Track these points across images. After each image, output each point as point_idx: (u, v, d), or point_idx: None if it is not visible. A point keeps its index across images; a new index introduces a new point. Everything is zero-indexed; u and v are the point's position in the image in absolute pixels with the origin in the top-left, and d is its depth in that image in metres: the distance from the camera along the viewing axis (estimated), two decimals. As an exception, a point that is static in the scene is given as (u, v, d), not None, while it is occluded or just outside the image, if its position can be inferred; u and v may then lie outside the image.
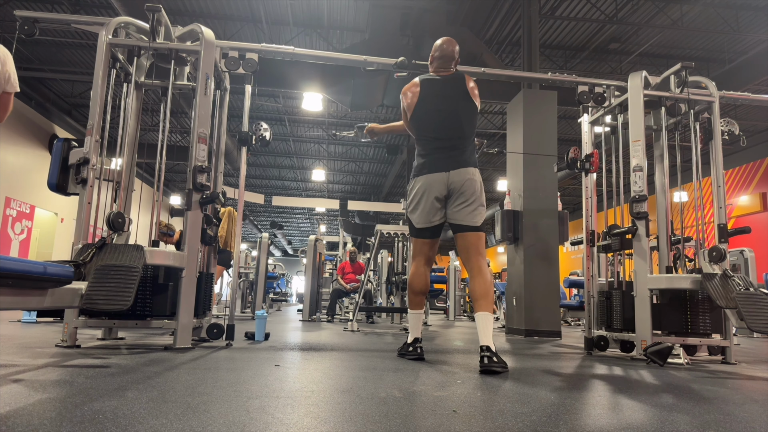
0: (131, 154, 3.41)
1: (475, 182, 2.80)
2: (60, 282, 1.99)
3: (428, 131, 2.89)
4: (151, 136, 12.91)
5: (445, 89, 2.92)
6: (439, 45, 2.99)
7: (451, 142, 2.84)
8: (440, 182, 2.78)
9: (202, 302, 3.33)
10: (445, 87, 2.92)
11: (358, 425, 1.33)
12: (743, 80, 7.46)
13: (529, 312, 5.64)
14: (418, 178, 2.87)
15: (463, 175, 2.77)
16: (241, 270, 8.97)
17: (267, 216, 25.68)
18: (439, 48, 2.98)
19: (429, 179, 2.81)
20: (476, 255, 2.77)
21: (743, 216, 11.33)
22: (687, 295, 3.41)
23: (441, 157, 2.82)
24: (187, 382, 1.86)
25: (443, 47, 2.98)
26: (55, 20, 3.46)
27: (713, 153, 3.63)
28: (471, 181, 2.78)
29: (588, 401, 1.80)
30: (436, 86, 2.93)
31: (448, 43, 2.98)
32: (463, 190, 2.76)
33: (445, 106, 2.88)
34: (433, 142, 2.87)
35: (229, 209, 6.59)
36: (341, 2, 8.05)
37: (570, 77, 4.03)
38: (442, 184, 2.78)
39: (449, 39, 3.00)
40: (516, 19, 8.10)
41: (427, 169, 2.83)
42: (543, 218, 5.86)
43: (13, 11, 3.40)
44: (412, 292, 2.97)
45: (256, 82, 3.68)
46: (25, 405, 1.40)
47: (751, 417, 1.62)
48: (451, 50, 2.97)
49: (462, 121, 2.87)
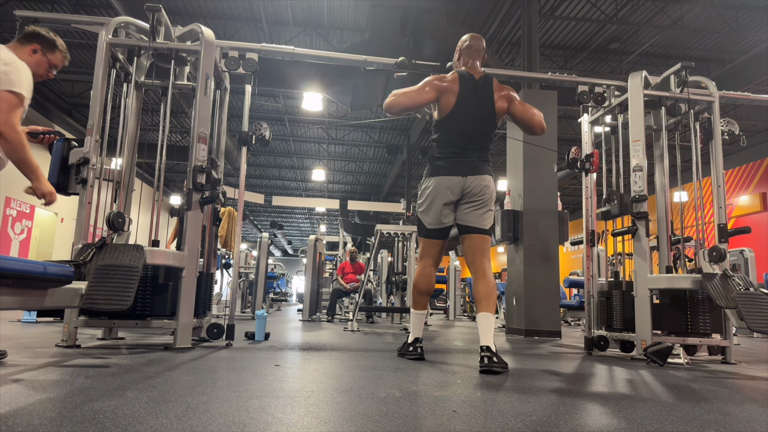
0: (131, 154, 3.41)
1: (491, 189, 2.79)
2: (60, 282, 1.99)
3: (454, 134, 2.83)
4: (151, 136, 12.91)
5: (478, 93, 2.84)
6: (467, 38, 2.96)
7: (472, 148, 2.81)
8: (456, 186, 2.76)
9: (202, 302, 3.33)
10: (478, 90, 2.85)
11: (358, 425, 1.33)
12: (743, 80, 7.45)
13: (529, 312, 5.63)
14: (433, 179, 2.82)
15: (480, 181, 2.76)
16: (241, 270, 8.97)
17: (267, 216, 25.67)
18: (467, 41, 2.95)
19: (445, 182, 2.77)
20: (482, 257, 2.76)
21: (743, 216, 11.32)
22: (687, 295, 3.41)
23: (460, 161, 2.79)
24: (187, 382, 1.86)
25: (471, 42, 2.95)
26: (55, 20, 3.46)
27: (713, 153, 3.62)
28: (487, 188, 2.78)
29: (588, 401, 1.80)
30: (472, 88, 2.84)
31: (476, 39, 2.96)
32: (478, 194, 2.76)
33: (475, 111, 2.83)
34: (455, 145, 2.81)
35: (229, 209, 6.59)
36: (341, 2, 8.05)
37: (570, 77, 4.03)
38: (458, 187, 2.76)
39: (476, 35, 2.99)
40: (516, 19, 8.10)
41: (444, 171, 2.79)
42: (543, 218, 5.85)
43: (13, 11, 3.40)
44: (417, 292, 2.96)
45: (256, 82, 3.68)
46: (25, 405, 1.40)
47: (751, 417, 1.62)
48: (480, 46, 2.95)
49: (486, 128, 2.84)
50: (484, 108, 2.84)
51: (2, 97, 2.16)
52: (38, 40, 2.43)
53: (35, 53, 2.42)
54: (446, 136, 2.86)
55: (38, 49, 2.43)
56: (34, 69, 2.39)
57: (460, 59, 2.98)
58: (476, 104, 2.83)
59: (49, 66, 2.49)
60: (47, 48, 2.46)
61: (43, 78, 2.52)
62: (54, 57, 2.49)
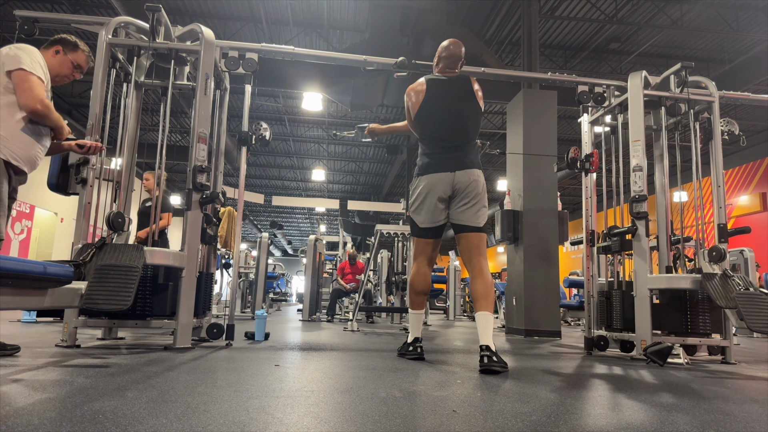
0: (131, 154, 3.41)
1: (480, 183, 2.80)
2: (60, 282, 1.99)
3: (433, 131, 2.89)
4: (151, 136, 12.90)
5: (451, 90, 2.91)
6: (446, 46, 2.98)
7: (455, 143, 2.83)
8: (445, 182, 2.77)
9: (202, 302, 3.33)
10: (451, 88, 2.92)
11: (358, 425, 1.33)
12: (743, 80, 7.45)
13: (529, 312, 5.63)
14: (422, 177, 2.85)
15: (469, 176, 2.77)
16: (241, 270, 8.97)
17: (267, 216, 25.67)
18: (446, 49, 2.98)
19: (434, 179, 2.79)
20: (478, 255, 2.77)
21: (743, 216, 11.32)
22: (687, 295, 3.41)
23: (446, 157, 2.81)
24: (187, 382, 1.86)
25: (450, 48, 2.97)
26: (55, 20, 3.46)
27: (713, 153, 3.62)
28: (476, 182, 2.78)
29: (588, 401, 1.80)
30: (442, 87, 2.92)
31: (455, 45, 2.98)
32: (468, 190, 2.76)
33: (450, 107, 2.88)
34: (438, 143, 2.86)
35: (228, 209, 6.59)
36: (341, 2, 8.05)
37: (570, 77, 4.03)
38: (447, 184, 2.77)
39: (456, 41, 3.00)
40: (516, 19, 8.10)
41: (432, 168, 2.82)
42: (543, 218, 5.85)
43: (13, 11, 3.40)
44: (414, 292, 2.96)
45: (256, 82, 3.68)
46: (25, 405, 1.40)
47: (751, 417, 1.62)
48: (458, 52, 2.97)
49: (467, 122, 2.87)
50: (459, 103, 2.88)
51: (20, 76, 2.36)
52: (60, 42, 2.64)
53: (57, 54, 2.63)
54: (424, 136, 2.93)
55: (60, 50, 2.63)
56: (58, 69, 2.62)
57: (438, 65, 3.02)
58: (448, 101, 2.88)
59: (73, 66, 2.68)
60: (69, 48, 2.65)
61: (69, 78, 2.71)
62: (77, 56, 2.68)
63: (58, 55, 2.62)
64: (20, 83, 2.36)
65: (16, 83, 2.37)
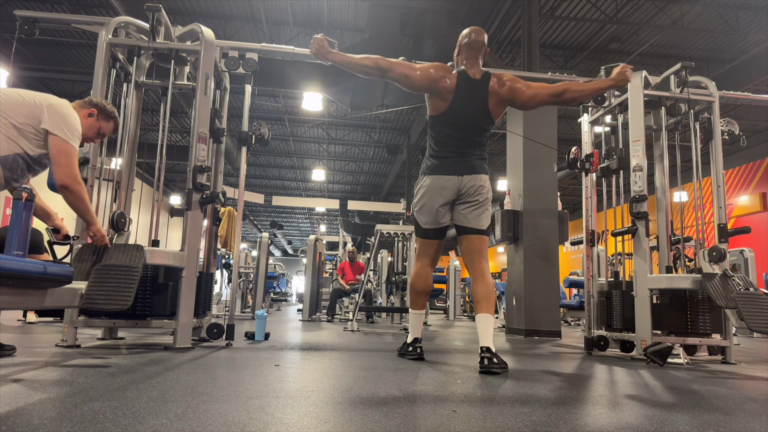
0: (131, 154, 3.41)
1: (486, 189, 2.77)
2: (60, 282, 1.99)
3: (449, 135, 2.78)
4: (151, 136, 12.90)
5: (474, 92, 2.77)
6: (467, 33, 2.83)
7: (468, 147, 2.78)
8: (452, 185, 2.73)
9: (202, 302, 3.33)
10: (475, 90, 2.77)
11: (358, 425, 1.33)
12: (743, 80, 7.45)
13: (529, 312, 5.63)
14: (429, 177, 2.79)
15: (476, 181, 2.73)
16: (241, 270, 8.97)
17: (267, 216, 25.67)
18: (467, 36, 2.82)
19: (441, 180, 2.75)
20: (480, 258, 2.75)
21: (743, 216, 11.32)
22: (687, 295, 3.41)
23: (456, 160, 2.76)
24: (187, 382, 1.86)
25: (472, 36, 2.81)
26: (55, 20, 3.46)
27: (713, 153, 3.62)
28: (482, 187, 2.75)
29: (588, 401, 1.80)
30: (469, 87, 2.77)
31: (476, 32, 2.82)
32: (474, 194, 2.73)
33: (471, 114, 2.77)
34: (450, 147, 2.78)
35: (229, 209, 6.59)
36: (341, 2, 8.05)
37: (570, 77, 4.03)
38: (454, 187, 2.73)
39: (477, 28, 2.85)
40: (516, 19, 8.09)
41: (440, 170, 2.76)
42: (543, 218, 5.85)
43: (13, 11, 3.40)
44: (415, 293, 2.96)
45: (256, 81, 3.68)
46: (25, 405, 1.40)
47: (751, 417, 1.62)
48: (481, 38, 2.81)
49: (483, 128, 2.80)
50: (479, 108, 2.77)
51: (64, 149, 2.25)
52: (97, 107, 2.60)
53: (91, 116, 2.57)
54: (439, 133, 2.82)
55: (95, 114, 2.58)
56: (86, 132, 2.54)
57: (460, 54, 2.86)
58: (472, 104, 2.77)
59: (98, 132, 2.63)
60: (103, 117, 2.62)
61: (89, 142, 2.70)
62: (107, 125, 2.66)
63: (91, 118, 2.55)
64: (58, 155, 2.23)
65: (55, 152, 2.23)
